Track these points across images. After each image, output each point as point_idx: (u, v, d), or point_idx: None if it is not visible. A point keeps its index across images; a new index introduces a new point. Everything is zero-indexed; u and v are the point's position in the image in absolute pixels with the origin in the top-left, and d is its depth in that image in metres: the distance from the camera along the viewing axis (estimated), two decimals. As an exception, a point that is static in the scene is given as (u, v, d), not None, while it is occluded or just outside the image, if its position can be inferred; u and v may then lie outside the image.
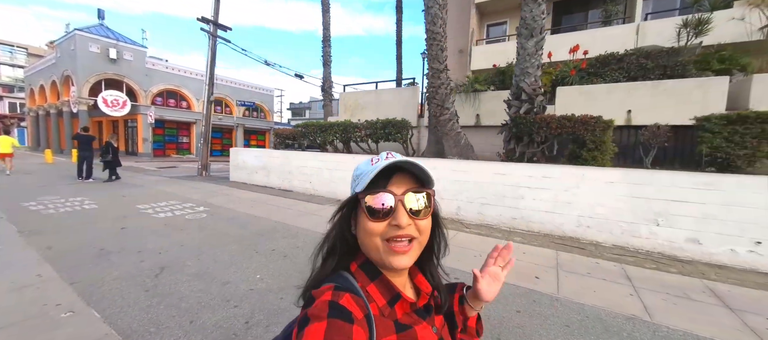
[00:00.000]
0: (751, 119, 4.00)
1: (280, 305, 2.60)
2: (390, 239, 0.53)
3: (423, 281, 0.63)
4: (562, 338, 2.28)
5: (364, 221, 0.53)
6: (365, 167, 0.56)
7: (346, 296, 0.49)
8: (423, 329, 0.56)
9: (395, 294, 0.56)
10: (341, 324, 0.44)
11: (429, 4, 5.56)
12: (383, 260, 0.54)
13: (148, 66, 20.24)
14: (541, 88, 5.67)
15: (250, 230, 4.72)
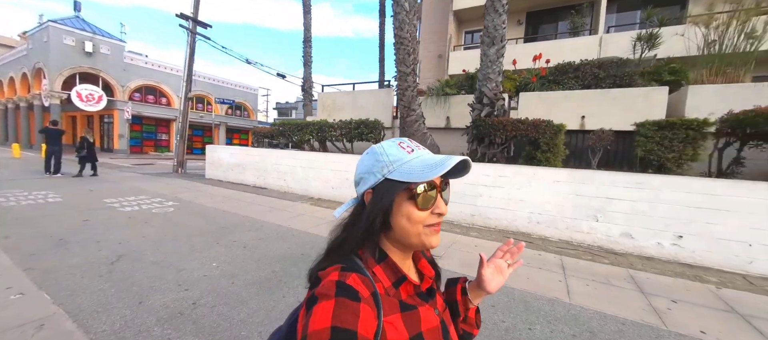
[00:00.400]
0: (678, 126, 4.44)
1: (230, 289, 2.76)
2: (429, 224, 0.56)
3: (426, 265, 0.67)
4: (487, 316, 2.54)
5: (411, 210, 0.55)
6: (400, 154, 0.57)
7: (352, 276, 0.51)
8: (426, 311, 0.58)
9: (401, 276, 0.58)
10: (349, 302, 0.45)
11: (396, 10, 5.84)
12: (423, 241, 0.57)
13: (126, 61, 19.79)
14: (502, 93, 6.03)
15: (216, 223, 4.83)
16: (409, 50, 6.02)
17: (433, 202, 0.56)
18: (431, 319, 0.58)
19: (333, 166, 7.13)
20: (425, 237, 0.56)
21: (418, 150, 0.57)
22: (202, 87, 24.49)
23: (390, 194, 0.55)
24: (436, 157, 0.55)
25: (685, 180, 4.11)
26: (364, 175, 0.59)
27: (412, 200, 0.55)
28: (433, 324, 0.58)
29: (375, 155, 0.59)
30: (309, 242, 4.17)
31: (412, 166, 0.54)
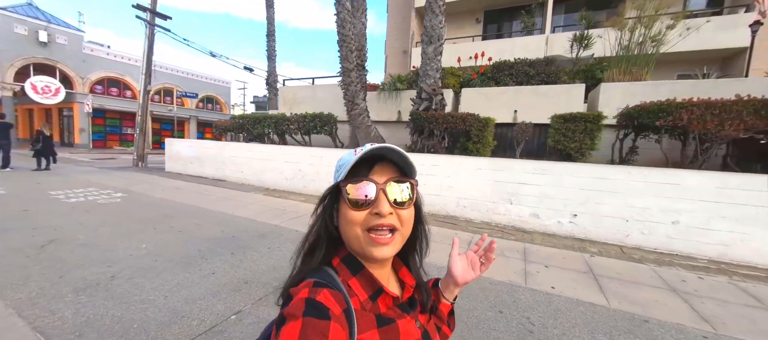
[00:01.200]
0: (578, 119, 5.04)
1: (151, 265, 3.05)
2: (371, 229, 0.52)
3: (407, 274, 0.63)
4: None
5: (346, 211, 0.53)
6: (348, 157, 0.55)
7: (323, 291, 0.48)
8: (406, 323, 0.55)
9: (377, 288, 0.55)
10: (316, 322, 0.43)
11: (338, 9, 6.17)
12: (364, 250, 0.53)
13: (85, 51, 19.00)
14: (441, 88, 6.50)
15: (160, 212, 5.04)
16: (352, 47, 6.37)
17: (372, 202, 0.52)
18: (411, 332, 0.55)
19: (286, 158, 7.41)
20: (366, 245, 0.52)
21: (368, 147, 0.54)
22: (171, 79, 23.84)
23: (330, 195, 0.55)
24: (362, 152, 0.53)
25: (580, 166, 4.71)
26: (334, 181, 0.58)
27: (346, 200, 0.53)
28: (414, 337, 0.55)
29: (337, 163, 0.58)
30: (246, 228, 4.49)
31: (349, 166, 0.53)
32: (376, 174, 0.54)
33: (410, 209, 0.56)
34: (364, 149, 0.53)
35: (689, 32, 6.78)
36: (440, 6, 6.21)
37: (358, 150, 0.54)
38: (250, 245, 3.76)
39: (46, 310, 2.23)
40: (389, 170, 0.55)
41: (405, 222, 0.55)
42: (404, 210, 0.54)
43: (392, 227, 0.53)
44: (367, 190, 0.52)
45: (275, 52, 11.98)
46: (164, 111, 22.79)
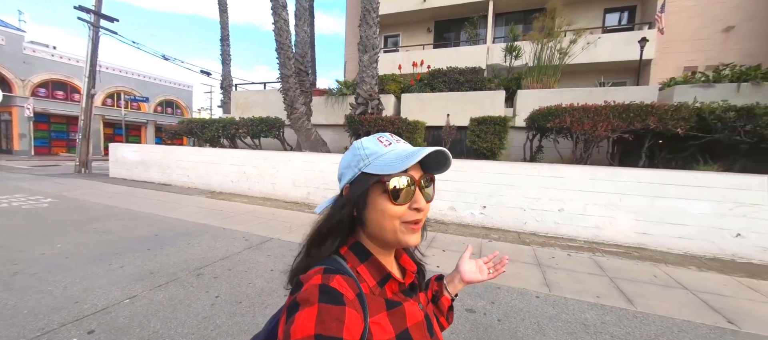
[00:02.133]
0: (488, 121, 5.68)
1: (61, 263, 3.19)
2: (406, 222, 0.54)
3: (408, 260, 0.66)
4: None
5: (385, 204, 0.54)
6: (377, 147, 0.56)
7: (336, 278, 0.49)
8: (411, 306, 0.57)
9: (385, 274, 0.57)
10: (332, 308, 0.44)
11: (275, 19, 6.48)
12: (399, 239, 0.55)
13: (26, 52, 17.81)
14: (377, 94, 6.97)
15: (87, 215, 5.07)
16: (289, 55, 6.69)
17: (410, 196, 0.54)
18: (416, 314, 0.58)
19: (232, 161, 7.56)
20: (401, 234, 0.55)
21: (396, 143, 0.57)
22: (125, 83, 22.81)
23: (364, 186, 0.55)
24: (410, 149, 0.55)
25: (487, 163, 5.32)
26: (344, 170, 0.59)
27: (386, 193, 0.53)
28: (418, 319, 0.58)
29: (354, 150, 0.58)
30: (174, 227, 4.65)
31: (386, 159, 0.54)
32: (412, 170, 0.55)
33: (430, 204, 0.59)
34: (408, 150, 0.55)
35: (589, 45, 7.75)
36: (374, 18, 6.70)
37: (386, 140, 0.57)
38: (171, 242, 3.96)
39: (-66, 302, 2.36)
40: (417, 166, 0.57)
41: (427, 213, 0.58)
42: (428, 204, 0.58)
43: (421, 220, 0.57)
44: (409, 185, 0.54)
45: (229, 56, 12.00)
46: (118, 115, 21.74)
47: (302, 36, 7.49)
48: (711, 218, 4.18)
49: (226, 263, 3.37)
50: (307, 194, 6.65)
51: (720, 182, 4.14)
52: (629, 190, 4.50)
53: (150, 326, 2.20)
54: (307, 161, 6.65)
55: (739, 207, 4.06)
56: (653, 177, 4.40)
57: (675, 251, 4.33)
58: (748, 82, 5.47)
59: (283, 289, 2.81)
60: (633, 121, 4.66)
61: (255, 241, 4.15)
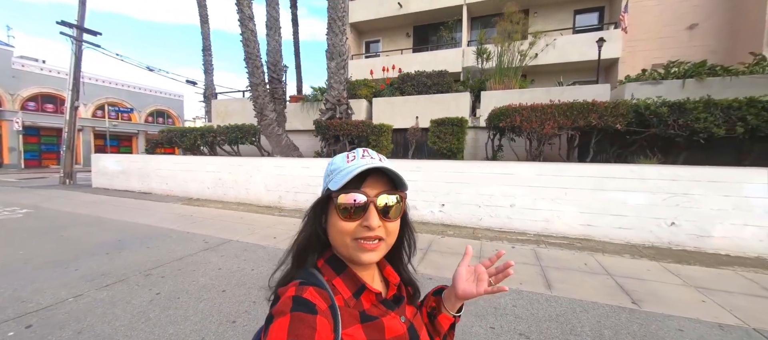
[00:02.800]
0: (447, 123, 5.91)
1: (18, 268, 3.36)
2: (359, 238, 0.54)
3: (391, 272, 0.65)
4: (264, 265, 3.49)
5: (336, 220, 0.54)
6: (341, 164, 0.56)
7: (309, 289, 0.50)
8: (390, 320, 0.56)
9: (360, 286, 0.57)
10: (305, 316, 0.45)
11: (242, 30, 6.73)
12: (352, 256, 0.55)
13: (15, 67, 18.02)
14: (346, 99, 7.20)
15: (57, 224, 5.24)
16: (258, 64, 6.93)
17: (361, 213, 0.54)
18: (396, 327, 0.56)
19: (208, 168, 7.75)
20: (354, 251, 0.54)
21: (360, 159, 0.56)
22: (118, 94, 23.04)
23: (321, 204, 0.56)
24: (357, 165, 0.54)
25: (444, 163, 5.54)
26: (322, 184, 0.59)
27: (336, 209, 0.54)
28: (398, 332, 0.56)
29: (328, 166, 0.58)
30: (140, 232, 4.82)
31: (341, 175, 0.54)
32: (368, 186, 0.54)
33: (397, 221, 0.57)
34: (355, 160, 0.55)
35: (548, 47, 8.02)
36: (340, 27, 6.94)
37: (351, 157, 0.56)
38: (132, 246, 4.14)
39: None
40: (381, 182, 0.56)
41: (391, 233, 0.56)
42: (391, 222, 0.56)
43: (379, 238, 0.54)
44: (358, 202, 0.53)
45: (212, 66, 12.24)
46: (108, 126, 21.93)
47: (273, 45, 7.73)
48: (647, 209, 4.40)
49: (178, 264, 3.55)
50: (279, 198, 6.85)
51: (654, 174, 4.36)
52: (573, 184, 4.72)
53: (86, 320, 2.39)
54: (278, 166, 6.85)
55: (672, 197, 4.28)
56: (594, 171, 4.63)
57: (616, 241, 4.54)
58: (693, 79, 5.72)
59: (224, 285, 3.01)
60: (576, 119, 4.89)
61: (214, 243, 4.34)
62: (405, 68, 11.52)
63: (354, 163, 0.55)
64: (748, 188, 3.98)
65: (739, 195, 4.02)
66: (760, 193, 3.94)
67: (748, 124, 4.23)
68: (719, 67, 5.87)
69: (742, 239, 4.04)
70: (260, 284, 3.08)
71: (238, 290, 2.92)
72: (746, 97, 4.31)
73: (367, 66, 13.26)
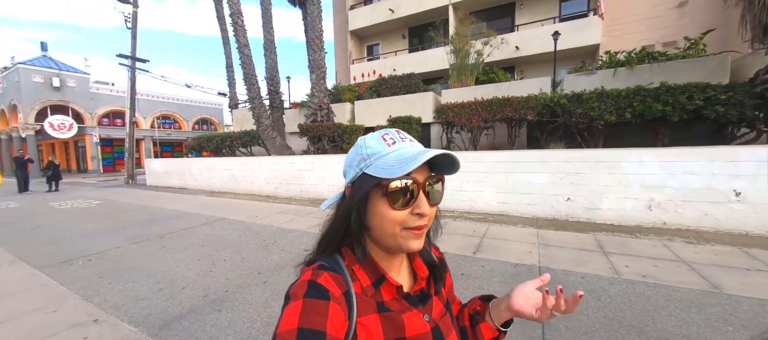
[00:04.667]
0: (403, 120, 6.98)
1: (87, 233, 5.25)
2: (409, 227, 0.51)
3: (421, 265, 0.62)
4: (236, 232, 5.06)
5: (385, 209, 0.51)
6: (379, 147, 0.53)
7: (324, 274, 0.50)
8: (411, 317, 0.54)
9: (380, 276, 0.55)
10: (317, 302, 0.45)
11: (240, 56, 8.36)
12: (400, 244, 0.52)
13: (92, 91, 22.15)
14: (327, 104, 8.56)
15: (116, 209, 7.33)
16: (253, 82, 8.54)
17: (413, 200, 0.51)
18: (418, 325, 0.54)
19: (225, 167, 9.65)
20: (402, 240, 0.52)
21: (400, 142, 0.53)
22: (170, 108, 26.92)
23: (363, 190, 0.52)
24: (414, 151, 0.51)
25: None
26: (347, 168, 0.57)
27: (386, 197, 0.50)
28: (420, 331, 0.54)
29: (357, 148, 0.56)
30: (166, 214, 6.66)
31: (388, 160, 0.51)
32: (416, 171, 0.51)
33: (436, 207, 0.55)
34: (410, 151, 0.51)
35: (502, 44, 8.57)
36: (318, 44, 8.31)
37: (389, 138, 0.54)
38: (159, 222, 5.93)
39: (52, 262, 4.46)
40: (424, 167, 0.53)
41: (432, 218, 0.55)
42: (434, 208, 0.54)
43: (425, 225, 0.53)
44: (412, 189, 0.51)
45: (234, 80, 14.36)
46: (164, 135, 25.85)
47: (270, 64, 9.33)
48: (549, 187, 5.17)
49: (182, 232, 5.21)
50: (275, 189, 8.47)
51: (553, 157, 5.12)
52: (490, 168, 5.60)
53: (121, 259, 4.03)
54: (274, 163, 8.46)
55: (567, 176, 5.02)
56: (506, 157, 5.48)
57: (525, 216, 5.37)
58: (624, 68, 6.16)
59: (204, 243, 4.56)
60: (496, 113, 5.73)
61: (212, 220, 6.00)
62: (400, 68, 12.69)
63: (401, 147, 0.52)
64: (626, 166, 4.62)
65: (620, 172, 4.68)
66: (635, 170, 4.57)
67: (635, 110, 4.80)
68: (658, 53, 6.21)
69: (623, 210, 4.69)
70: (226, 242, 4.58)
71: (211, 246, 4.45)
72: (634, 86, 4.86)
73: (368, 68, 14.54)
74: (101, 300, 2.84)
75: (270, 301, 2.75)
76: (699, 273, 2.99)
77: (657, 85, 4.73)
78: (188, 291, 2.99)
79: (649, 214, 4.52)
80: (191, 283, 3.17)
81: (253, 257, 3.88)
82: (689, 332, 2.10)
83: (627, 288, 2.74)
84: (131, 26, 13.72)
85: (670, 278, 2.90)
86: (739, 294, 2.56)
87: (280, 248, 4.25)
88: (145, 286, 3.13)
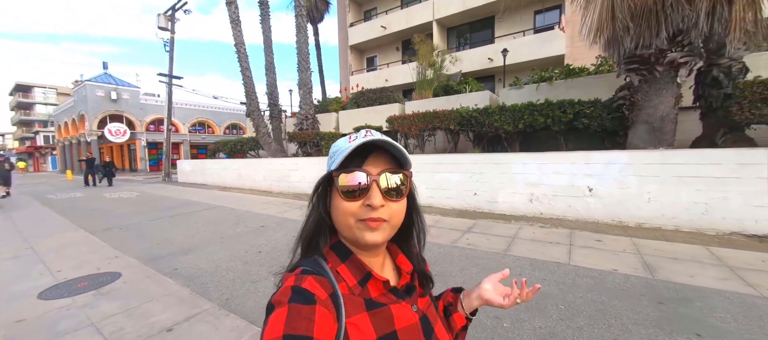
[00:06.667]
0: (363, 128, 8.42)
1: (133, 214, 7.31)
2: (363, 219, 0.52)
3: (404, 260, 0.63)
4: (225, 214, 6.89)
5: (338, 200, 0.53)
6: (342, 144, 0.55)
7: (308, 278, 0.49)
8: (400, 308, 0.55)
9: (366, 273, 0.55)
10: (301, 307, 0.44)
11: (243, 76, 10.26)
12: (356, 237, 0.53)
13: (141, 101, 25.96)
14: (312, 115, 10.23)
15: (150, 199, 9.54)
16: (253, 97, 10.43)
17: (364, 193, 0.51)
18: (407, 316, 0.55)
19: (233, 167, 11.70)
20: (358, 231, 0.52)
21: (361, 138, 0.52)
22: (203, 115, 30.45)
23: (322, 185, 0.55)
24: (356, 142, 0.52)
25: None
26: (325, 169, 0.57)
27: (337, 189, 0.53)
28: (410, 322, 0.55)
29: (331, 149, 0.57)
30: (183, 202, 8.68)
31: (341, 155, 0.52)
32: (370, 165, 0.53)
33: (402, 201, 0.55)
34: (357, 139, 0.52)
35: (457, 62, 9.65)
36: (305, 65, 10.03)
37: (353, 137, 0.54)
38: (178, 209, 7.91)
39: (98, 229, 6.56)
40: (384, 160, 0.54)
41: (395, 214, 0.54)
42: (396, 202, 0.54)
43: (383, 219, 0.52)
44: (360, 180, 0.51)
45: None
46: (199, 140, 29.36)
47: (271, 81, 11.22)
48: (462, 184, 6.38)
49: (187, 215, 7.09)
50: (270, 185, 10.30)
51: (464, 159, 6.32)
52: (421, 169, 6.89)
53: (147, 229, 5.92)
54: (269, 163, 10.31)
55: (474, 175, 6.21)
56: (432, 159, 6.74)
57: (446, 208, 6.60)
58: (545, 83, 7.14)
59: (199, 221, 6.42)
60: (428, 124, 7.01)
61: (211, 206, 7.87)
62: (393, 78, 14.14)
63: (354, 142, 0.52)
64: (514, 167, 5.74)
65: (510, 172, 5.80)
66: (520, 170, 5.67)
67: (526, 121, 5.88)
68: (579, 68, 7.12)
69: (513, 203, 5.81)
70: (212, 220, 6.34)
71: (202, 222, 6.23)
72: (526, 102, 5.93)
73: (367, 79, 16.12)
74: (123, 248, 4.64)
75: (218, 251, 4.37)
76: (524, 247, 4.18)
77: (542, 102, 5.78)
78: (173, 245, 4.71)
79: (531, 205, 5.61)
80: (177, 241, 4.90)
81: (223, 229, 5.57)
82: (469, 276, 3.40)
83: (451, 251, 4.02)
84: (169, 49, 16.47)
85: (484, 246, 4.13)
86: (524, 256, 3.77)
87: (245, 224, 5.92)
88: (149, 242, 4.91)
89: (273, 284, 0.55)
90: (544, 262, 3.50)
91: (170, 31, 16.31)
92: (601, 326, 2.24)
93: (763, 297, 2.57)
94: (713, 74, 4.62)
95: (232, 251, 4.32)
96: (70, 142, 29.34)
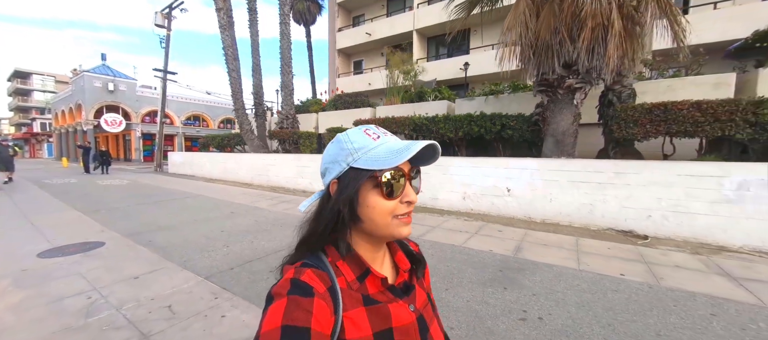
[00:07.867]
0: (334, 130, 9.31)
1: (120, 200, 8.15)
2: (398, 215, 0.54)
3: (402, 258, 0.65)
4: (206, 202, 7.75)
5: (377, 200, 0.53)
6: (365, 141, 0.55)
7: (307, 271, 0.51)
8: (397, 307, 0.57)
9: (365, 270, 0.57)
10: (300, 299, 0.45)
11: (229, 77, 11.10)
12: (393, 232, 0.55)
13: (138, 93, 26.68)
14: (293, 114, 11.09)
15: (138, 186, 10.37)
16: (238, 97, 11.29)
17: (401, 190, 0.54)
18: (404, 315, 0.56)
19: (219, 160, 12.55)
20: (395, 228, 0.55)
21: (384, 136, 0.56)
22: (198, 108, 31.18)
23: (355, 184, 0.54)
24: (402, 143, 0.54)
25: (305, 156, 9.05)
26: (329, 165, 0.57)
27: (378, 188, 0.53)
28: (406, 321, 0.56)
29: (340, 143, 0.57)
30: (168, 190, 9.52)
31: (378, 153, 0.53)
32: (402, 164, 0.54)
33: None
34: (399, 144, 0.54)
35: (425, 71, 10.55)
36: (287, 69, 10.89)
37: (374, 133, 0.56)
38: (164, 196, 8.76)
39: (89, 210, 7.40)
40: None
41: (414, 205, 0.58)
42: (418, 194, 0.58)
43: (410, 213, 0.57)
44: (401, 180, 0.54)
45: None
46: (194, 133, 30.11)
47: (257, 82, 12.06)
48: (411, 183, 7.27)
49: (172, 201, 7.94)
50: (251, 178, 11.16)
51: (414, 161, 7.21)
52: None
53: (135, 212, 6.77)
54: (251, 158, 11.17)
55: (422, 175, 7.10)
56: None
57: (398, 203, 7.49)
58: (493, 96, 8.06)
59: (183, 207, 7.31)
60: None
61: (193, 195, 8.73)
62: (376, 82, 15.00)
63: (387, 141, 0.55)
64: (451, 169, 6.64)
65: (448, 174, 6.70)
66: (456, 172, 6.58)
67: (464, 130, 6.79)
68: (523, 84, 8.04)
69: (451, 200, 6.72)
70: (192, 206, 7.21)
71: (182, 208, 7.09)
72: (465, 114, 6.84)
73: (353, 82, 17.00)
74: (109, 225, 5.50)
75: (191, 231, 5.24)
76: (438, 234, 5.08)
77: (478, 114, 6.69)
78: (153, 225, 5.57)
79: (464, 202, 6.52)
80: (157, 222, 5.76)
81: (199, 214, 6.44)
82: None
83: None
84: (165, 46, 17.26)
85: (406, 232, 5.02)
86: (431, 240, 4.67)
87: (219, 210, 6.80)
88: (133, 222, 5.77)
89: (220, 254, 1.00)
90: (442, 244, 4.40)
91: (166, 28, 17.11)
92: (445, 282, 3.14)
93: (578, 270, 3.48)
94: (609, 97, 5.55)
95: (201, 230, 5.19)
96: (66, 130, 29.99)
